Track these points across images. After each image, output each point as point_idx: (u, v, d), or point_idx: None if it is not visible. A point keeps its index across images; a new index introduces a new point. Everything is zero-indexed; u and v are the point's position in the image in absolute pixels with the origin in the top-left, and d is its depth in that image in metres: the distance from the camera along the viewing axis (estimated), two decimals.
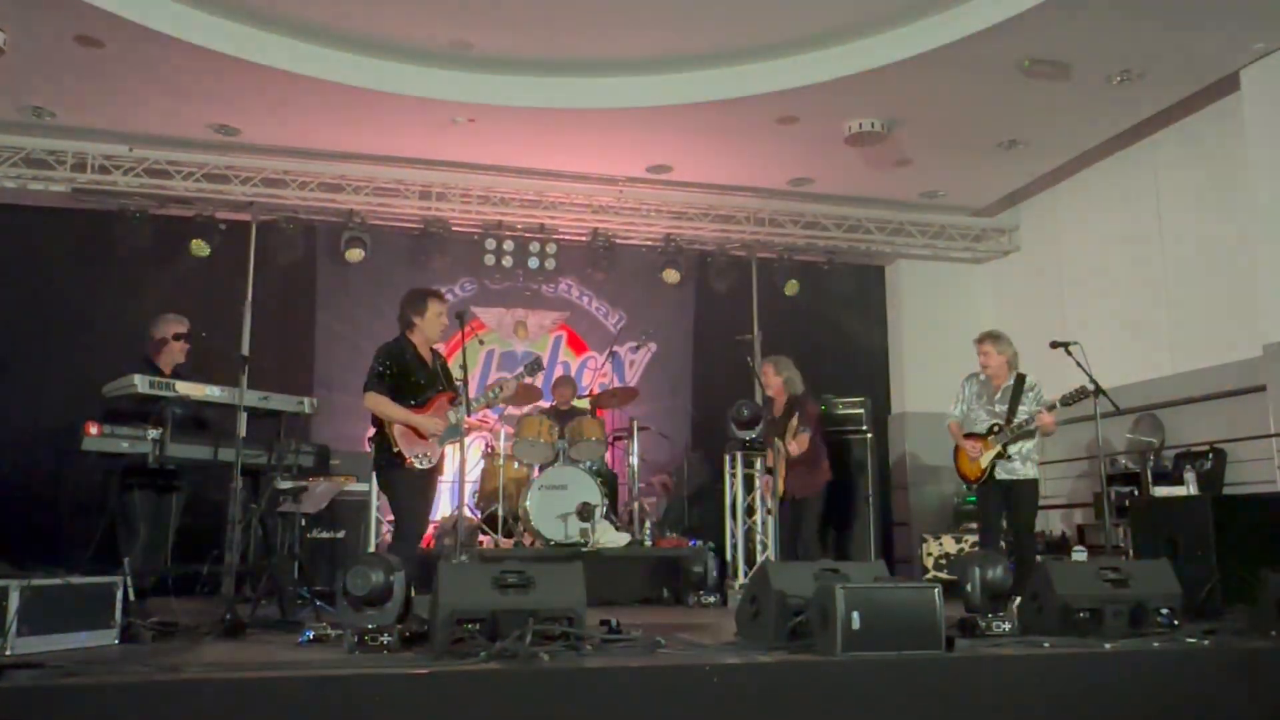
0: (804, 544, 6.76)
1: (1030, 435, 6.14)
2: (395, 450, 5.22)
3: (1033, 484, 6.22)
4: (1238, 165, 7.28)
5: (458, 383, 5.56)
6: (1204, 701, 3.79)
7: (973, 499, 7.88)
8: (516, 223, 9.38)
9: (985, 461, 6.19)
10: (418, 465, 5.26)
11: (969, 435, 6.33)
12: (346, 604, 3.99)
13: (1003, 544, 6.20)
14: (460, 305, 9.28)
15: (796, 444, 6.99)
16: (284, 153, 8.61)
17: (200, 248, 8.58)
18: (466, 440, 5.62)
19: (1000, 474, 6.18)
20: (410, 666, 3.39)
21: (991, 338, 6.48)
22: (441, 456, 5.47)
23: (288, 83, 7.30)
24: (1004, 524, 6.28)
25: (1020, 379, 6.33)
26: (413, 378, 5.36)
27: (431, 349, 5.61)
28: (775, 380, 7.14)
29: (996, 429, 6.21)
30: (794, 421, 6.99)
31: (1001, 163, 8.89)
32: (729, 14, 6.90)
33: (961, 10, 6.74)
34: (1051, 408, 6.05)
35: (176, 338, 5.81)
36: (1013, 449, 6.16)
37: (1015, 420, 6.14)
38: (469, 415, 5.33)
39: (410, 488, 5.30)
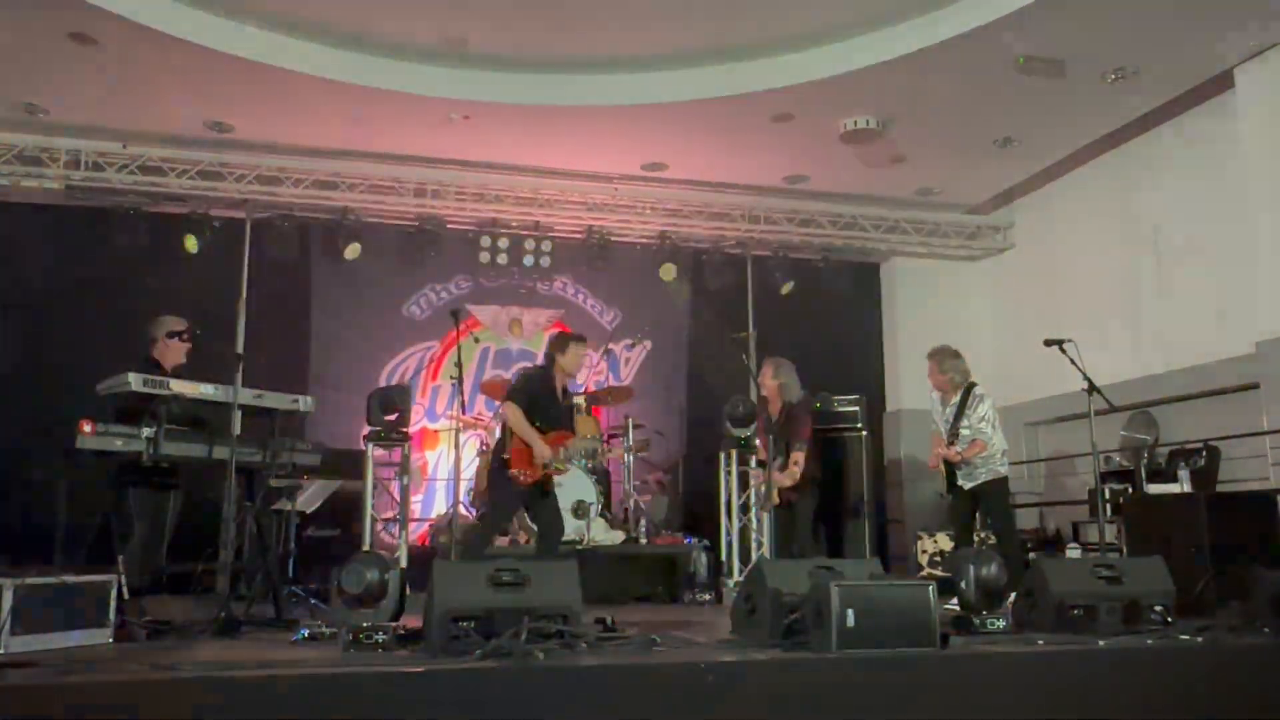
0: (798, 544, 6.75)
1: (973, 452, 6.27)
2: (506, 457, 5.63)
3: (997, 484, 6.29)
4: (1231, 163, 7.29)
5: (452, 380, 5.58)
6: (1197, 698, 3.80)
7: None
8: (512, 220, 9.37)
9: (943, 473, 6.37)
10: (519, 479, 5.61)
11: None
12: (341, 602, 3.99)
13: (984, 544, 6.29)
14: (455, 303, 9.28)
15: (788, 475, 6.88)
16: (278, 150, 8.59)
17: (191, 243, 8.56)
18: (462, 438, 5.64)
19: (963, 482, 6.29)
20: (405, 665, 3.39)
21: (935, 356, 6.55)
22: (546, 480, 5.73)
23: (282, 79, 7.29)
24: (975, 526, 6.49)
25: (966, 392, 6.37)
26: (541, 403, 5.72)
27: (565, 390, 5.95)
28: (771, 383, 7.08)
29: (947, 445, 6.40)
30: (788, 443, 6.89)
31: (996, 160, 8.90)
32: (724, 12, 6.90)
33: (956, 8, 6.75)
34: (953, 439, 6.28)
35: (172, 336, 5.79)
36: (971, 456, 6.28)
37: (955, 443, 6.32)
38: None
39: (503, 493, 5.71)
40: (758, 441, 7.34)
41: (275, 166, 8.63)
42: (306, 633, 4.33)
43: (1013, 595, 4.77)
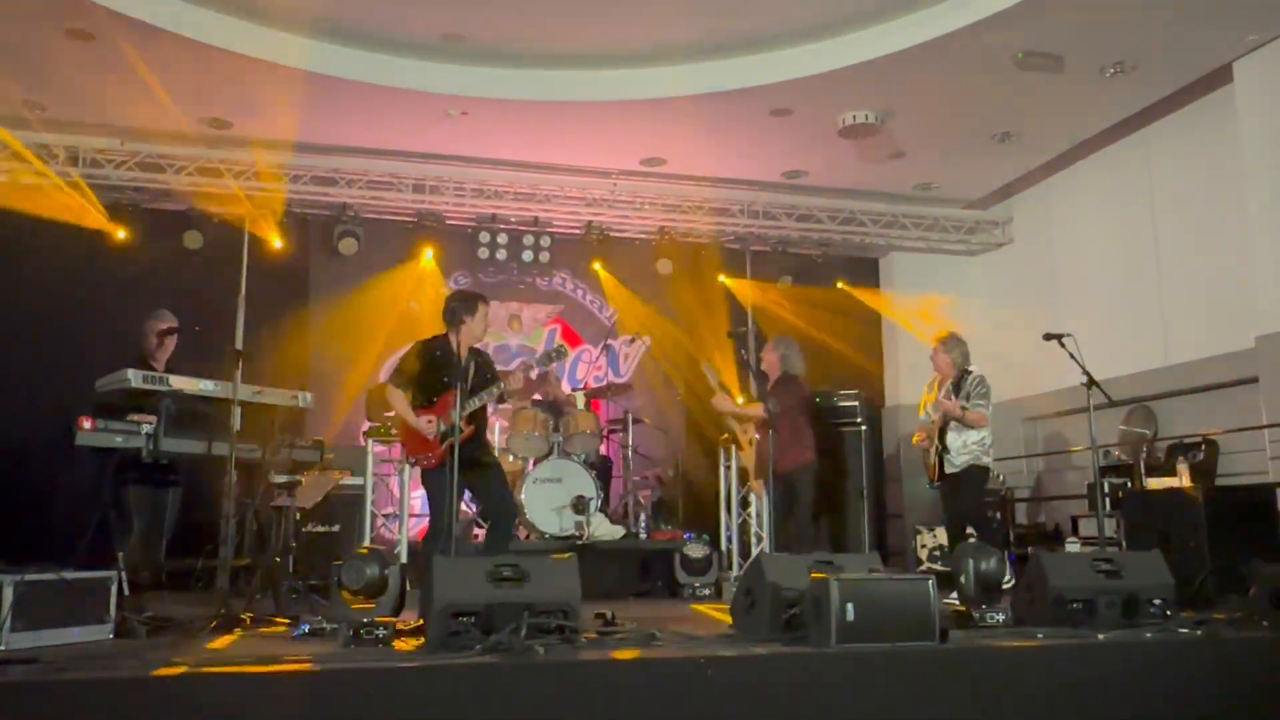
0: (797, 526, 6.72)
1: (966, 425, 6.24)
2: (403, 450, 5.32)
3: (971, 473, 6.30)
4: (1230, 157, 7.29)
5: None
6: (1196, 692, 3.81)
7: None
8: (510, 216, 9.37)
9: (932, 457, 6.37)
10: (423, 463, 5.24)
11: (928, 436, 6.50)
12: (341, 598, 3.99)
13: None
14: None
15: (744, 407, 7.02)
16: (277, 146, 8.57)
17: (194, 239, 8.57)
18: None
19: (947, 468, 6.32)
20: (405, 660, 3.40)
21: (940, 341, 6.59)
22: (472, 456, 5.25)
23: (280, 76, 7.27)
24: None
25: (962, 375, 6.40)
26: (436, 376, 5.25)
27: (473, 348, 5.45)
28: (771, 356, 7.12)
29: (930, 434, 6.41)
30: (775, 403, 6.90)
31: (995, 155, 8.90)
32: (722, 6, 6.89)
33: (955, 3, 6.74)
34: (965, 400, 6.23)
35: (168, 333, 5.80)
36: (952, 443, 6.26)
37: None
38: (463, 413, 5.20)
39: (432, 483, 5.24)
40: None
41: (274, 163, 8.61)
42: (307, 628, 4.34)
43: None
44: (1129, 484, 7.51)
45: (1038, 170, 9.33)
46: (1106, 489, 7.28)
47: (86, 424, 4.77)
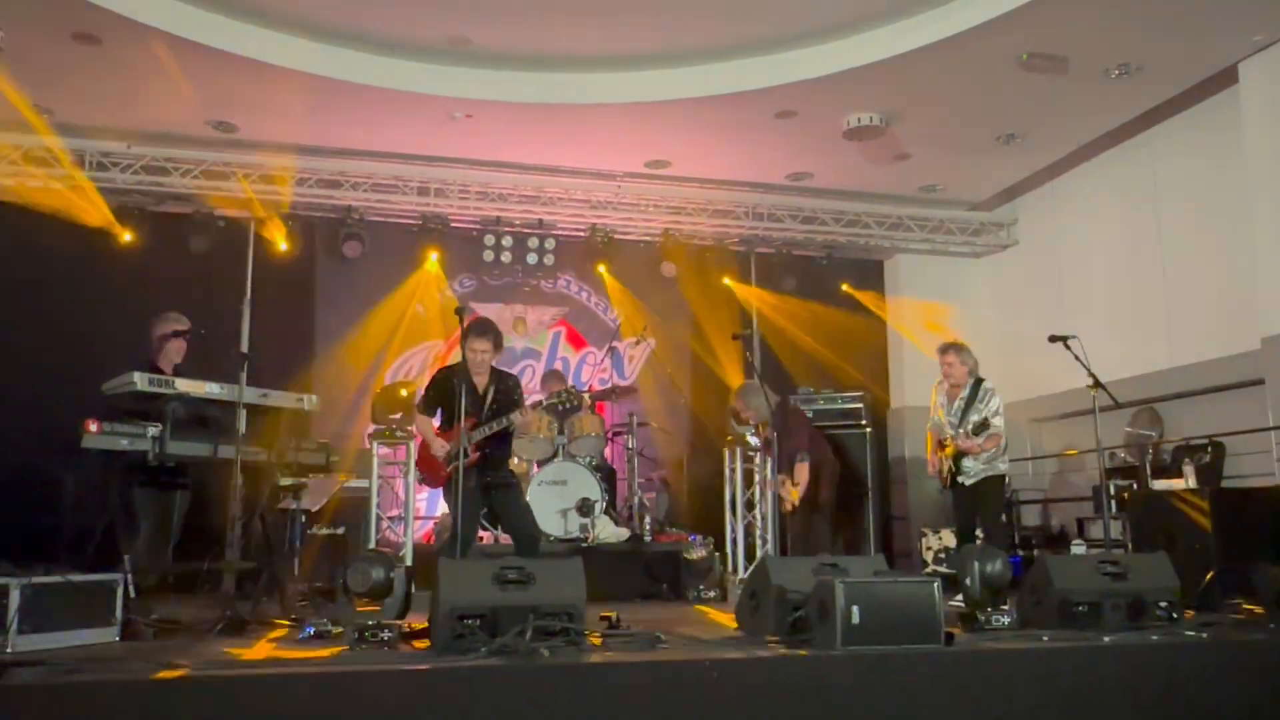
0: (817, 535, 6.85)
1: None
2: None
3: (992, 481, 6.35)
4: (1236, 159, 7.27)
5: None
6: (1202, 694, 3.80)
7: None
8: (515, 218, 9.37)
9: (944, 470, 6.43)
10: (428, 482, 5.57)
11: (940, 443, 6.54)
12: (347, 600, 4.00)
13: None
14: (459, 302, 9.29)
15: (797, 491, 7.11)
16: (282, 149, 8.59)
17: (199, 242, 8.61)
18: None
19: (961, 479, 6.35)
20: (411, 662, 3.41)
21: (955, 349, 6.61)
22: (486, 477, 5.48)
23: (286, 79, 7.29)
24: (975, 522, 6.47)
25: (977, 385, 6.40)
26: (452, 404, 5.35)
27: (497, 371, 5.61)
28: (747, 413, 7.25)
29: (944, 443, 6.45)
30: (791, 458, 7.05)
31: (1000, 157, 8.89)
32: (727, 8, 6.89)
33: (960, 4, 6.74)
34: (978, 430, 6.25)
35: (175, 336, 5.81)
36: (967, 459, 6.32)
37: (961, 430, 6.35)
38: (471, 441, 5.28)
39: (448, 500, 5.50)
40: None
41: (279, 166, 8.63)
42: (312, 631, 4.35)
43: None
44: (1135, 486, 7.49)
45: (1043, 172, 9.32)
46: (1112, 491, 7.27)
47: (93, 426, 4.78)
